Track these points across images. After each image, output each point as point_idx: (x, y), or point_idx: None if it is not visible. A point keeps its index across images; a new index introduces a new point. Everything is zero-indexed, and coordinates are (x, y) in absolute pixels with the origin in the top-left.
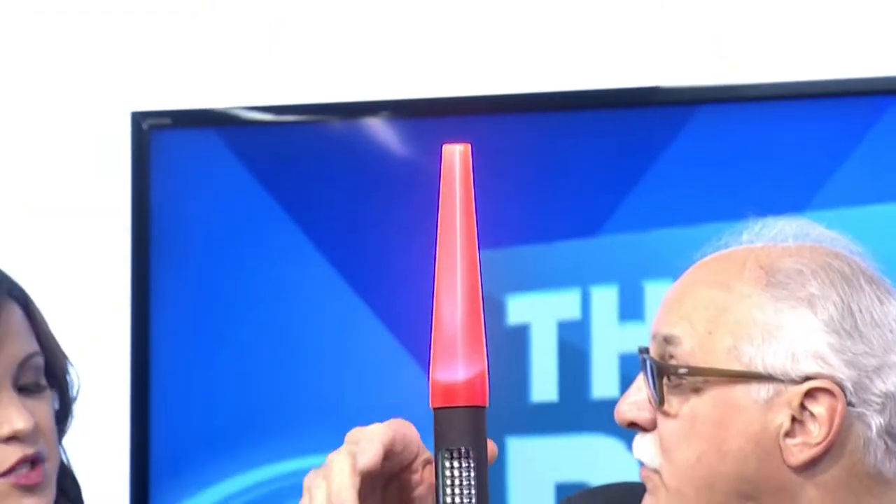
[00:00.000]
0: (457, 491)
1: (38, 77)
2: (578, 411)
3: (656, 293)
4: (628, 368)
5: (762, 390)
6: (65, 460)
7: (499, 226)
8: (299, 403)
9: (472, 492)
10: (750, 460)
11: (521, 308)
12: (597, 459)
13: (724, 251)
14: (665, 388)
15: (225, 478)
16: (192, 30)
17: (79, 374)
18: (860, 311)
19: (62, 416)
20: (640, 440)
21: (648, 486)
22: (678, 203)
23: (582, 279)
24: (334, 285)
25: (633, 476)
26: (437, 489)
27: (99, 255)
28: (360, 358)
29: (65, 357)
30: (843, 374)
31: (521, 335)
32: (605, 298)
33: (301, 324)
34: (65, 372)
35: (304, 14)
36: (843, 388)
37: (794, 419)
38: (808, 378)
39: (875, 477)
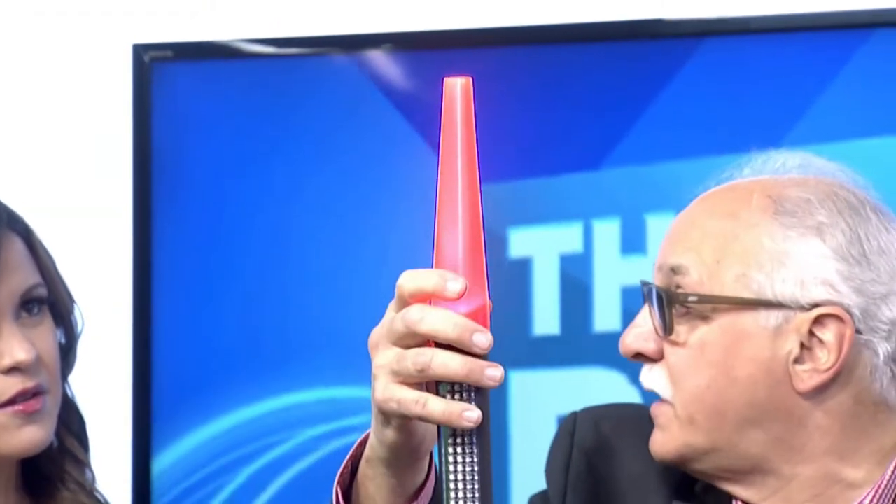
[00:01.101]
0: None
1: (38, 11)
2: (580, 344)
3: (658, 226)
4: (630, 302)
5: (771, 317)
6: (69, 394)
7: (500, 159)
8: (301, 337)
9: (474, 429)
10: (760, 387)
11: (522, 241)
12: (598, 392)
13: (728, 183)
14: (674, 318)
15: (227, 412)
16: None
17: (83, 314)
18: (867, 239)
19: (66, 353)
20: (649, 372)
21: (660, 421)
22: (681, 136)
23: (584, 212)
24: (336, 220)
25: None
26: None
27: (100, 190)
28: (363, 292)
29: (69, 295)
30: (852, 300)
31: (522, 268)
32: (608, 231)
33: (303, 258)
34: (69, 310)
35: None
36: (851, 315)
37: (802, 346)
38: (816, 305)
39: (881, 404)
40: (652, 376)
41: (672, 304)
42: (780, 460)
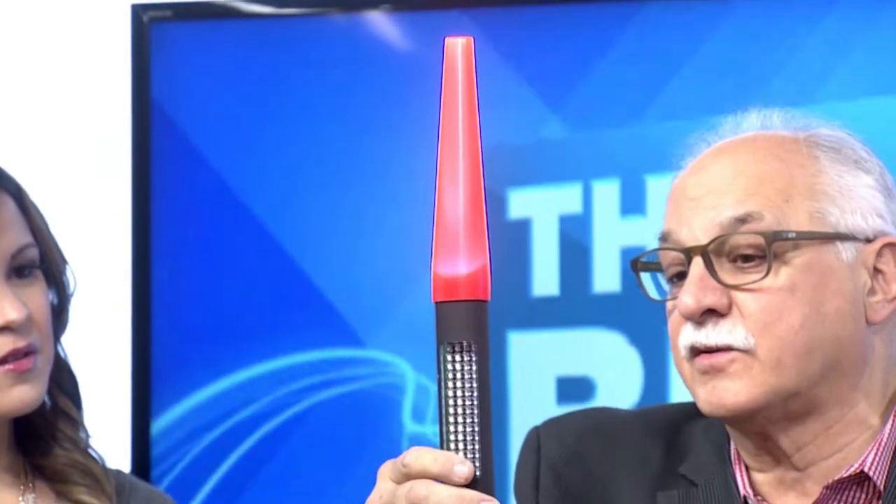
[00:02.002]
0: (458, 384)
1: None
2: (579, 305)
3: (658, 187)
4: (629, 263)
5: (847, 250)
6: (61, 354)
7: (501, 120)
8: (303, 299)
9: (474, 385)
10: (846, 320)
11: (522, 202)
12: (597, 353)
13: (742, 136)
14: (771, 262)
15: (226, 374)
16: None
17: (75, 275)
18: (885, 174)
19: (58, 313)
20: (717, 326)
21: (731, 369)
22: (681, 97)
23: (583, 173)
24: (337, 179)
25: (632, 370)
26: (439, 383)
27: (99, 148)
28: (362, 254)
29: (61, 256)
30: (894, 232)
31: (522, 229)
32: (607, 192)
33: (303, 219)
34: (61, 271)
35: None
36: None
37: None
38: (878, 235)
39: None
40: (722, 331)
41: (771, 245)
42: (836, 402)
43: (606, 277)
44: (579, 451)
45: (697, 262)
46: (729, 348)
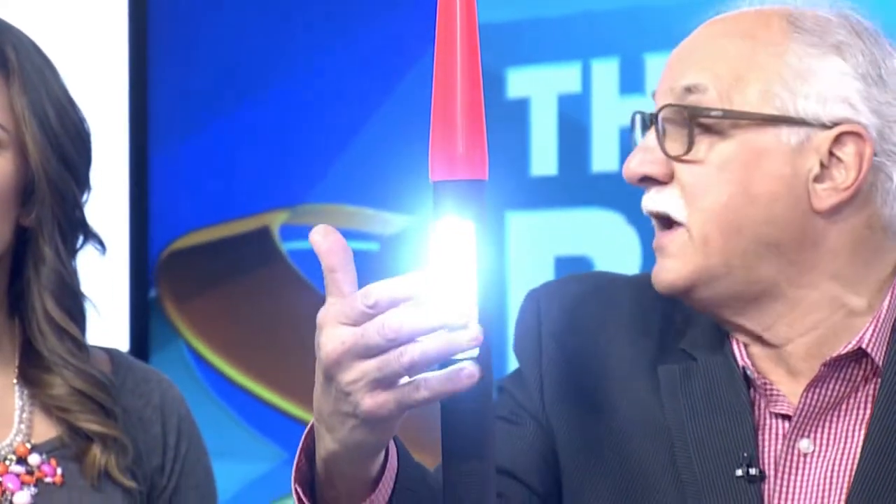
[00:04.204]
0: (456, 263)
1: None
2: (578, 185)
3: (657, 66)
4: (629, 142)
5: (793, 135)
6: (66, 267)
7: None
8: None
9: (472, 264)
10: (778, 204)
11: (521, 81)
12: (596, 233)
13: (736, 10)
14: (694, 135)
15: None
16: None
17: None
18: (884, 61)
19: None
20: (657, 194)
21: (670, 249)
22: None
23: (583, 52)
24: (337, 49)
25: (630, 250)
26: (435, 263)
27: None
28: (361, 123)
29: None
30: (869, 121)
31: (521, 109)
32: (606, 71)
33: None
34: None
35: None
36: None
37: (822, 165)
38: (837, 123)
39: (887, 230)
40: (661, 198)
41: (694, 119)
42: (789, 283)
43: (605, 157)
44: (580, 318)
45: (652, 129)
46: (668, 218)
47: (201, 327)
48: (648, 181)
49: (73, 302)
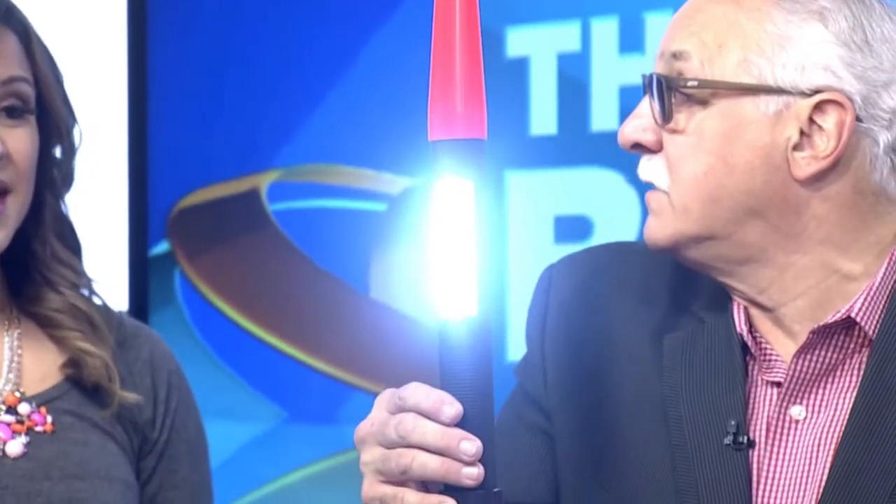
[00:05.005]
0: (456, 223)
1: None
2: (578, 144)
3: (657, 25)
4: (628, 101)
5: (771, 103)
6: (63, 210)
7: None
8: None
9: (471, 223)
10: (757, 174)
11: (520, 40)
12: (595, 192)
13: None
14: (673, 104)
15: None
16: None
17: (82, 132)
18: (871, 26)
19: (61, 167)
20: (647, 163)
21: (653, 206)
22: None
23: (582, 10)
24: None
25: (630, 209)
26: (436, 220)
27: None
28: (360, 82)
29: (70, 111)
30: (853, 87)
31: (520, 68)
32: (606, 30)
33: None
34: (67, 126)
35: None
36: (852, 102)
37: (802, 133)
38: (817, 91)
39: (880, 195)
40: (650, 167)
41: (672, 89)
42: (776, 249)
43: (605, 116)
44: (589, 291)
45: (647, 96)
46: (654, 186)
47: (212, 281)
48: (640, 148)
49: (72, 239)
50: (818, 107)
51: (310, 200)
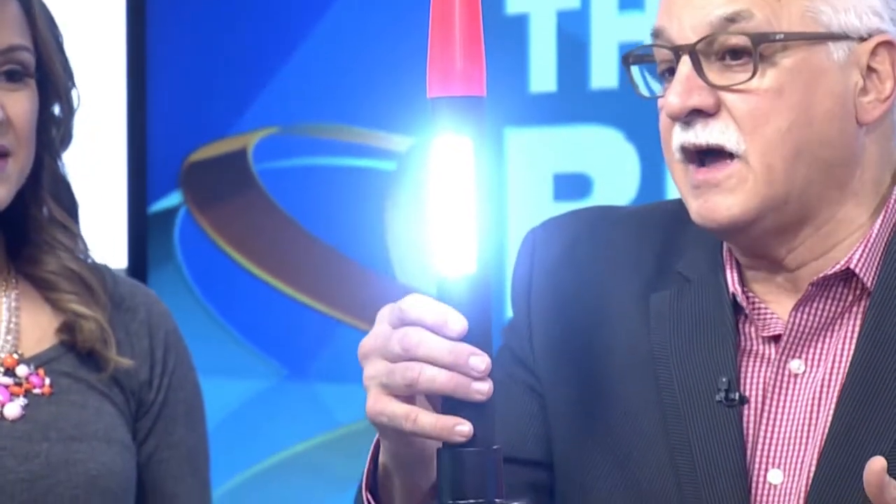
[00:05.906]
0: (455, 180)
1: None
2: (577, 102)
3: None
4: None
5: (839, 50)
6: (61, 171)
7: None
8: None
9: (470, 181)
10: (834, 122)
11: None
12: (595, 150)
13: None
14: (758, 63)
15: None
16: None
17: (80, 96)
18: None
19: (59, 127)
20: (704, 128)
21: (728, 184)
22: None
23: None
24: None
25: (629, 167)
26: (435, 177)
27: None
28: (359, 44)
29: (69, 74)
30: (892, 31)
31: (519, 25)
32: None
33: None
34: (66, 88)
35: None
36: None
37: (862, 77)
38: (872, 34)
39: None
40: (713, 131)
41: (757, 45)
42: (827, 204)
43: (604, 73)
44: (574, 253)
45: (685, 61)
46: (721, 150)
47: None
48: (694, 114)
49: (69, 199)
50: (873, 50)
51: (315, 158)
